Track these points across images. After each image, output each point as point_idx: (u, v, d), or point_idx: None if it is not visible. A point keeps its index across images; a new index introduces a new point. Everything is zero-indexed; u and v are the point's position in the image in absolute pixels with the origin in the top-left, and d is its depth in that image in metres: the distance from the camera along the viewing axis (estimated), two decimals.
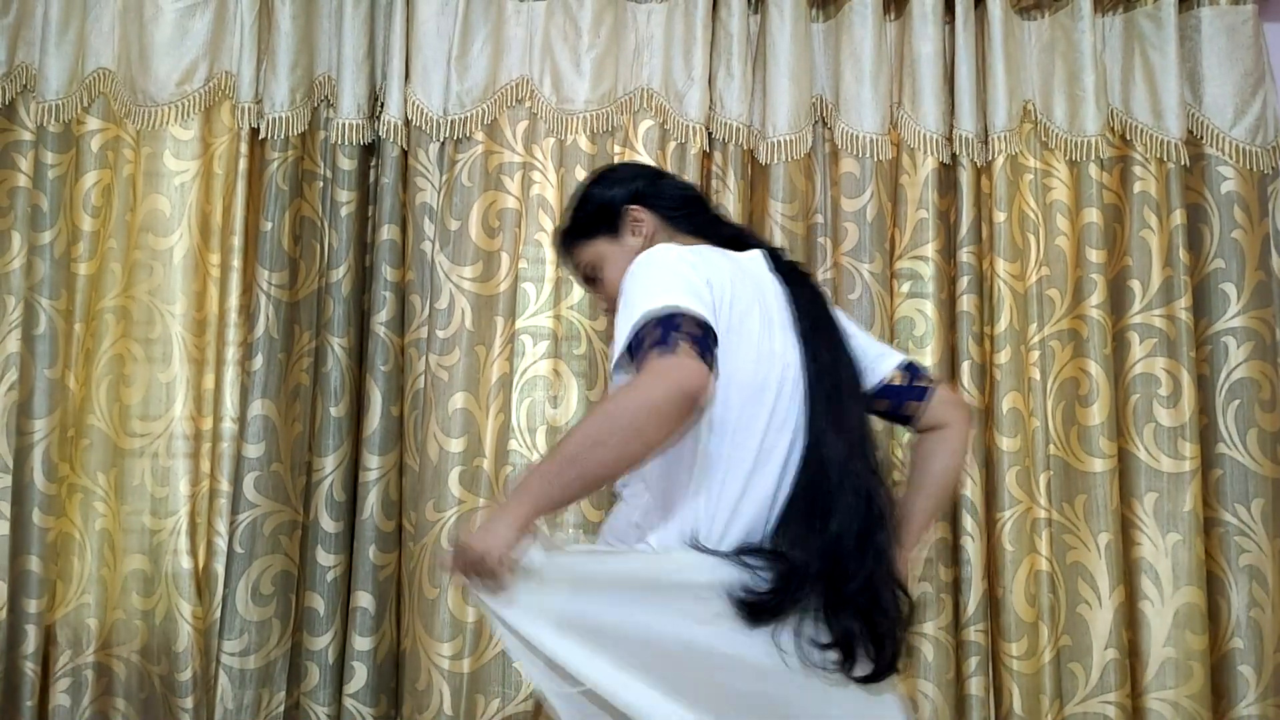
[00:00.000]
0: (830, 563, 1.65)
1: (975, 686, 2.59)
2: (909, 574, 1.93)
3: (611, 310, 1.91)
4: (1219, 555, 2.69)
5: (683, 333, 1.60)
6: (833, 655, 1.62)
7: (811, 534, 1.67)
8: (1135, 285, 2.74)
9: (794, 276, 1.90)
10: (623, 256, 1.88)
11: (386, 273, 2.70)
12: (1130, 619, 2.67)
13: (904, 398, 1.93)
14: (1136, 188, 2.76)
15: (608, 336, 2.66)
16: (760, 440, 1.70)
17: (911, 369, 1.97)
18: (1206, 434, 2.73)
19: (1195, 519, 2.66)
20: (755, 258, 1.88)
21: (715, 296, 1.71)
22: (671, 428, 1.59)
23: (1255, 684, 2.63)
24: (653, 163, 2.71)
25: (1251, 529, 2.68)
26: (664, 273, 1.71)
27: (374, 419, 2.65)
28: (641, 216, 1.92)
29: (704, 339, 1.61)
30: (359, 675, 2.59)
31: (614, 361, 1.69)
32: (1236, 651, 2.65)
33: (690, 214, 1.97)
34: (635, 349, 1.63)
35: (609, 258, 1.93)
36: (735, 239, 1.96)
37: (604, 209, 1.94)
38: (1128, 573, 2.68)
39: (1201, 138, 2.79)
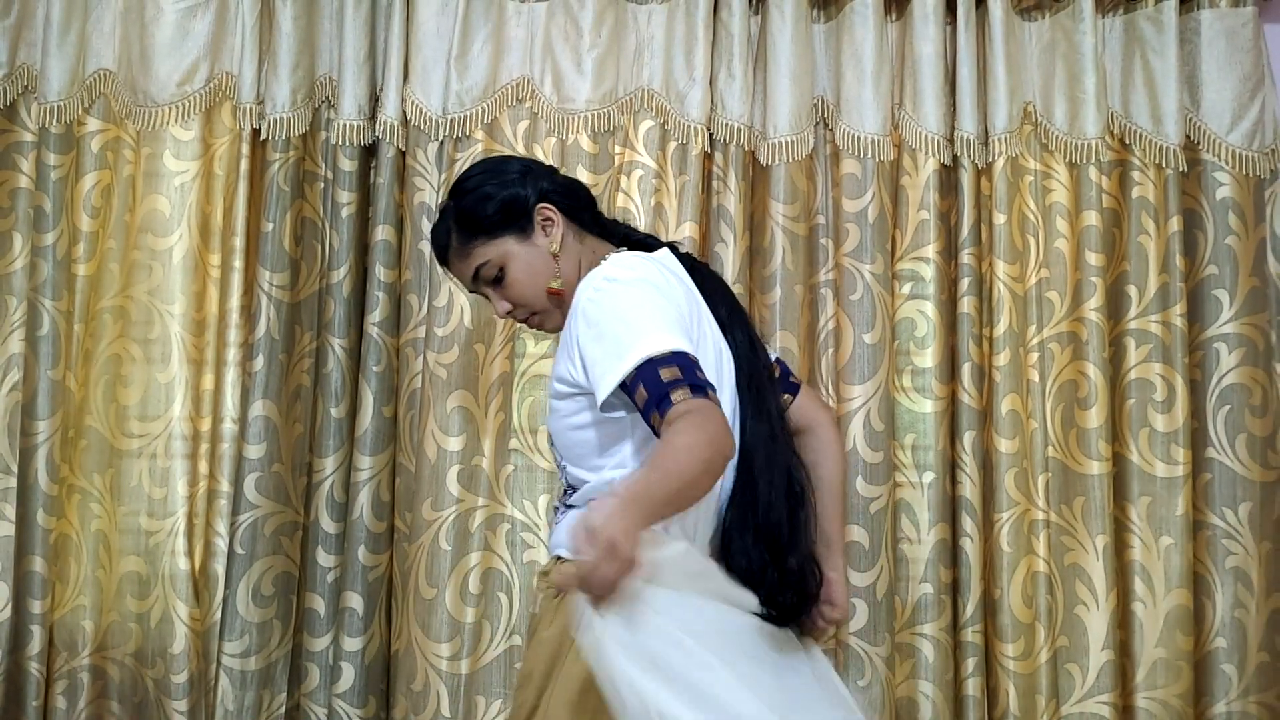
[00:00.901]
0: (770, 547, 1.73)
1: (973, 687, 2.61)
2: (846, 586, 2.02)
3: (517, 313, 1.93)
4: (1205, 557, 2.71)
5: (705, 383, 1.61)
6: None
7: (748, 520, 1.75)
8: (1132, 291, 2.75)
9: (699, 268, 1.93)
10: (534, 257, 1.88)
11: (381, 273, 2.69)
12: (1122, 620, 2.69)
13: (780, 391, 1.98)
14: (1134, 193, 2.77)
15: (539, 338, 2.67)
16: None
17: (783, 365, 2.05)
18: (1196, 438, 2.74)
19: (1187, 523, 2.69)
20: (668, 256, 1.89)
21: (684, 314, 1.74)
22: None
23: (1237, 682, 2.67)
24: (654, 164, 2.72)
25: (1239, 532, 2.70)
26: (641, 302, 1.70)
27: (366, 419, 2.65)
28: (552, 215, 1.89)
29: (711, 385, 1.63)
30: (347, 676, 2.60)
31: (600, 398, 1.67)
32: (1220, 650, 2.68)
33: (590, 212, 1.97)
34: (651, 391, 1.60)
35: (517, 257, 1.88)
36: (627, 237, 1.98)
37: (514, 206, 1.88)
38: (1120, 575, 2.70)
39: (1199, 143, 2.79)
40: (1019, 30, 2.83)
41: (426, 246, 2.69)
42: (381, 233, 2.70)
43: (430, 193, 2.71)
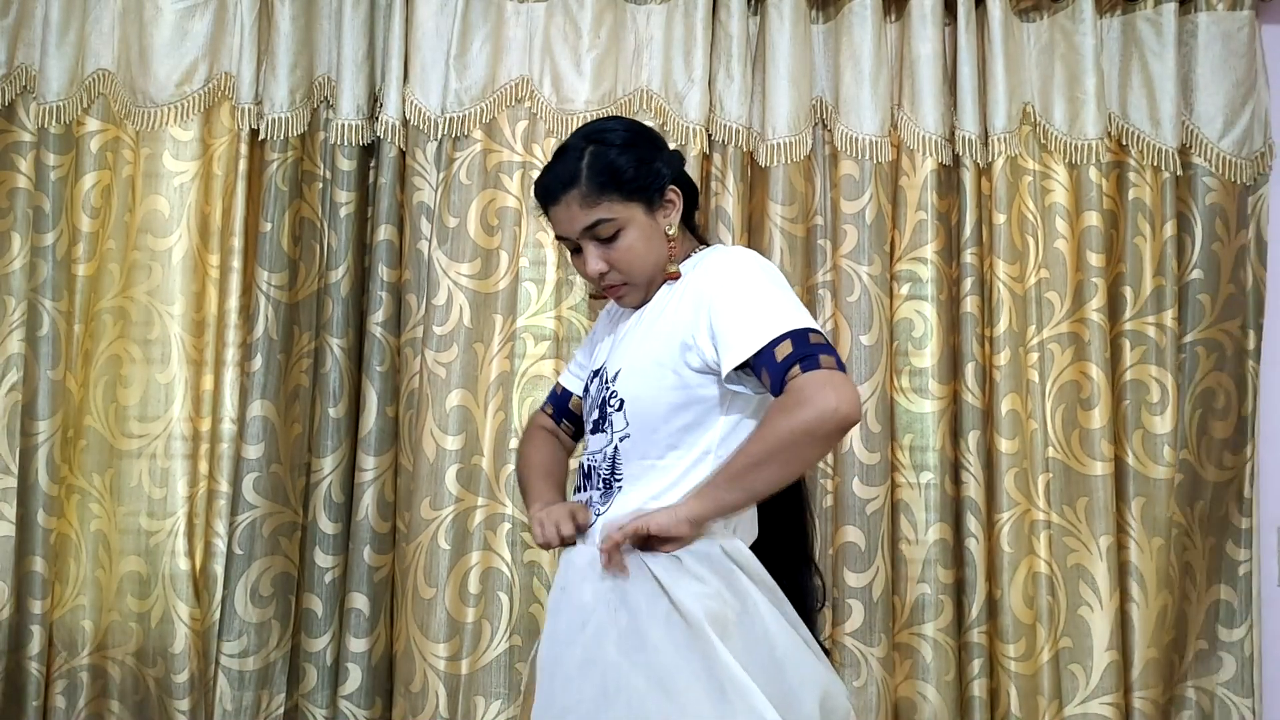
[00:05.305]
0: None
1: (979, 689, 2.61)
2: None
3: (610, 276, 1.86)
4: (1172, 555, 2.73)
5: (836, 356, 1.68)
6: None
7: None
8: (1128, 292, 2.75)
9: None
10: (653, 233, 1.84)
11: (383, 273, 2.70)
12: (1120, 620, 2.70)
13: None
14: (1131, 195, 2.77)
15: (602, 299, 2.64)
16: None
17: None
18: (1176, 440, 2.76)
19: (1178, 523, 2.71)
20: None
21: None
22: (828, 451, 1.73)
23: (1178, 669, 2.73)
24: None
25: (1193, 530, 2.74)
26: (785, 287, 1.78)
27: (370, 420, 2.66)
28: (675, 200, 1.87)
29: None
30: (353, 677, 2.60)
31: (742, 357, 1.70)
32: (1172, 641, 2.72)
33: (694, 211, 1.96)
34: (797, 349, 1.67)
35: (638, 227, 1.83)
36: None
37: (656, 178, 1.84)
38: (1119, 576, 2.71)
39: (1191, 147, 2.79)
40: (1018, 31, 2.82)
41: (425, 246, 2.69)
42: (384, 232, 2.70)
43: (429, 192, 2.72)
